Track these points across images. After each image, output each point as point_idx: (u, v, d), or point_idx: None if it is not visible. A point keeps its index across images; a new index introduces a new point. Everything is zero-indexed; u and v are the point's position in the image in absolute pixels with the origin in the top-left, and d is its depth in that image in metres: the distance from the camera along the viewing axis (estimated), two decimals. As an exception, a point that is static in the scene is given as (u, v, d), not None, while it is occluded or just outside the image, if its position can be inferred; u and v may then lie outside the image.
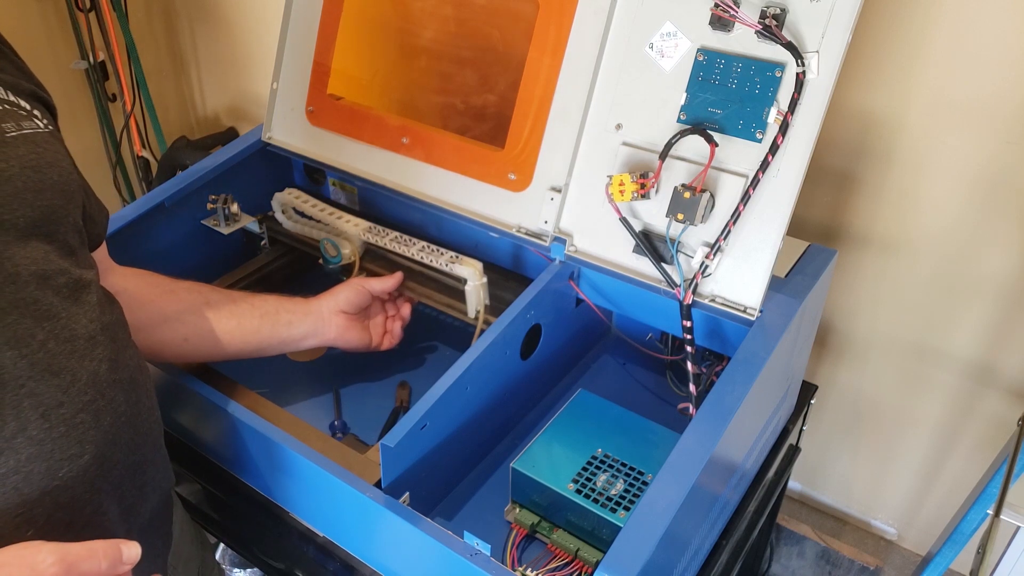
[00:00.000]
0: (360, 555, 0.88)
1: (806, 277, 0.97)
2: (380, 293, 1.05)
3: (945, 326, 1.23)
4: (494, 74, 1.11)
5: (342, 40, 1.14)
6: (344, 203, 1.23)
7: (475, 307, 1.05)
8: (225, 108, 2.04)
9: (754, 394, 0.83)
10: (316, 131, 1.17)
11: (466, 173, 1.04)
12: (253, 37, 1.82)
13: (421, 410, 0.82)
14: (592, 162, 0.96)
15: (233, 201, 1.15)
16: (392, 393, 1.07)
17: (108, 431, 0.63)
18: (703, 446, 0.76)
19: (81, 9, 1.77)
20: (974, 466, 1.31)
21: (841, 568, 1.48)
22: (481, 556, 0.73)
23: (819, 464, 1.50)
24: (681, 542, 0.79)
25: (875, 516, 1.52)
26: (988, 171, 1.09)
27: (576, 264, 0.99)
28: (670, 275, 0.92)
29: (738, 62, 0.85)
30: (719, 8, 0.85)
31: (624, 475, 0.86)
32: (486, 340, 0.89)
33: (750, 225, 0.88)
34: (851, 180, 1.19)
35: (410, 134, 1.08)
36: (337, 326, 1.00)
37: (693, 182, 0.88)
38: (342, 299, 1.00)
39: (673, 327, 0.98)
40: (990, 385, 1.24)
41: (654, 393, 1.09)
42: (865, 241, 1.23)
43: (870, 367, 1.34)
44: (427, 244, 1.08)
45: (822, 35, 0.82)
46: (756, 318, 0.89)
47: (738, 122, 0.86)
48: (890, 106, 1.12)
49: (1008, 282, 1.14)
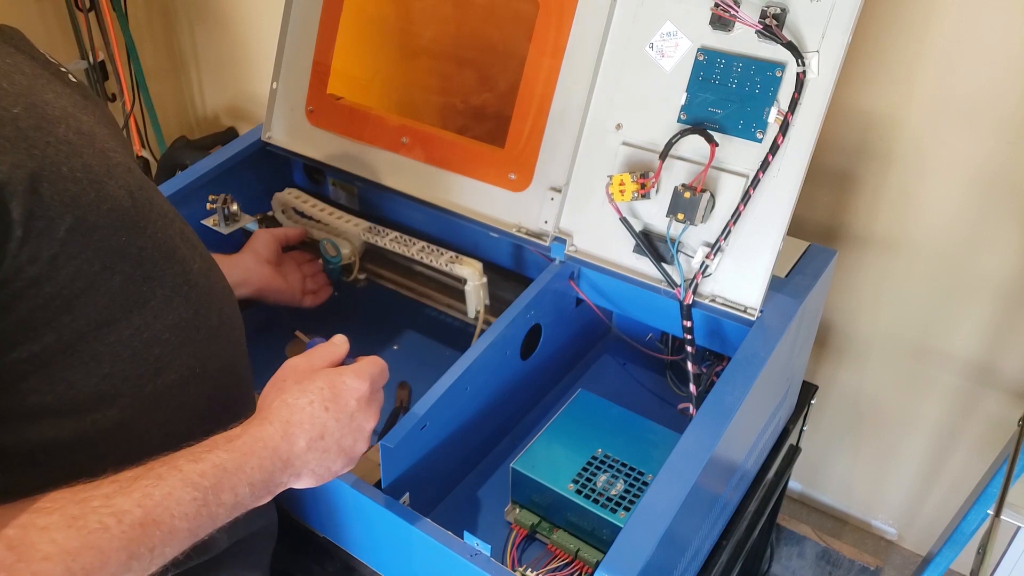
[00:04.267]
0: (360, 555, 0.88)
1: (806, 277, 0.97)
2: (282, 239, 1.12)
3: (945, 326, 1.23)
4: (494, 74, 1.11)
5: (342, 40, 1.14)
6: (344, 203, 1.23)
7: (475, 307, 1.05)
8: (225, 108, 2.04)
9: (754, 394, 0.83)
10: (316, 131, 1.17)
11: (466, 173, 1.04)
12: (253, 37, 1.82)
13: (421, 410, 0.82)
14: (592, 162, 0.96)
15: (233, 201, 1.15)
16: (392, 393, 1.07)
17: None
18: (703, 446, 0.76)
19: (81, 9, 1.76)
20: (974, 466, 1.31)
21: (841, 568, 1.48)
22: (481, 556, 0.73)
23: (819, 464, 1.50)
24: (681, 542, 0.79)
25: (875, 516, 1.51)
26: (988, 171, 1.09)
27: (576, 264, 0.99)
28: (670, 275, 0.92)
29: (738, 62, 0.85)
30: (719, 8, 0.85)
31: (624, 475, 0.86)
32: (486, 340, 0.89)
33: (750, 225, 0.88)
34: (851, 180, 1.19)
35: (410, 134, 1.08)
36: (262, 275, 1.06)
37: (693, 182, 0.88)
38: (259, 244, 1.08)
39: (673, 327, 0.98)
40: (990, 385, 1.24)
41: (654, 393, 1.09)
42: (865, 241, 1.23)
43: (870, 367, 1.34)
44: (427, 244, 1.08)
45: (822, 35, 0.81)
46: (756, 318, 0.89)
47: (738, 122, 0.86)
48: (890, 106, 1.12)
49: (1008, 282, 1.14)
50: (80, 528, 0.48)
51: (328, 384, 0.65)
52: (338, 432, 0.64)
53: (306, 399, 0.63)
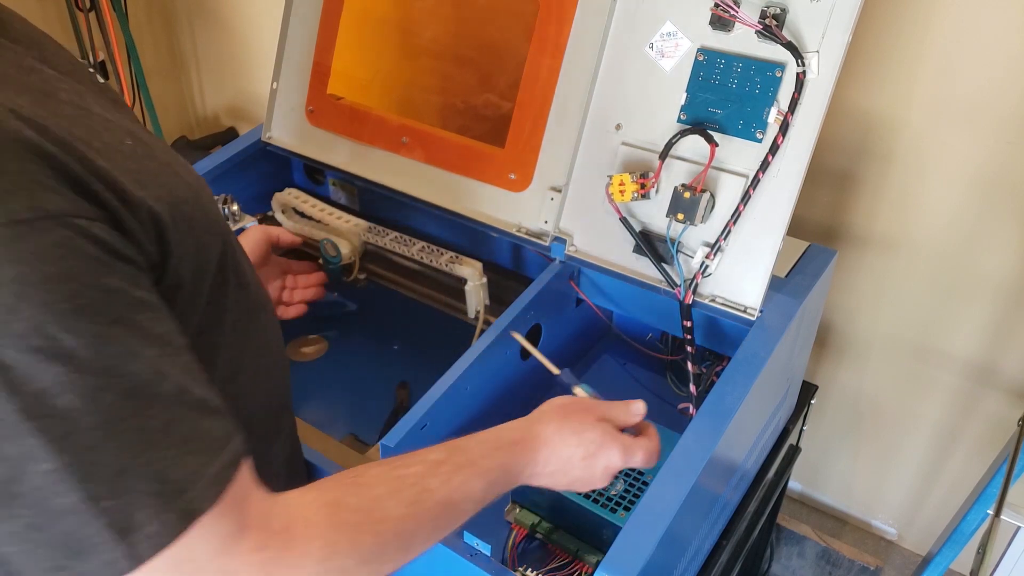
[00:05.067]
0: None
1: (806, 277, 0.97)
2: (274, 239, 1.05)
3: (945, 326, 1.23)
4: (494, 74, 1.11)
5: (342, 40, 1.14)
6: (344, 203, 1.23)
7: (475, 307, 1.05)
8: (225, 108, 2.04)
9: (754, 394, 0.83)
10: (316, 131, 1.17)
11: (466, 173, 1.04)
12: (253, 37, 1.82)
13: (421, 410, 0.82)
14: (592, 162, 0.96)
15: (233, 201, 1.15)
16: (392, 393, 1.07)
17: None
18: (703, 446, 0.76)
19: (81, 9, 1.76)
20: (974, 466, 1.31)
21: (841, 568, 1.48)
22: (481, 556, 0.73)
23: (819, 464, 1.50)
24: (681, 542, 0.79)
25: (875, 516, 1.51)
26: (989, 171, 1.09)
27: (576, 264, 0.99)
28: (670, 275, 0.92)
29: (738, 62, 0.85)
30: (719, 8, 0.85)
31: (624, 475, 0.86)
32: (486, 340, 0.89)
33: (750, 225, 0.88)
34: (851, 180, 1.19)
35: (410, 134, 1.08)
36: None
37: (693, 182, 0.88)
38: (248, 242, 1.01)
39: (673, 327, 0.98)
40: (990, 385, 1.24)
41: (654, 393, 1.09)
42: (865, 241, 1.23)
43: (870, 367, 1.34)
44: (427, 244, 1.08)
45: (822, 35, 0.81)
46: (756, 318, 0.89)
47: (738, 122, 0.86)
48: (890, 106, 1.12)
49: (1008, 282, 1.14)
50: (401, 500, 0.57)
51: (598, 441, 0.70)
52: (570, 480, 0.70)
53: (575, 441, 0.69)
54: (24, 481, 0.43)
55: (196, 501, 0.46)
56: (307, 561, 0.51)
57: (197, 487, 0.47)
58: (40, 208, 0.43)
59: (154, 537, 0.45)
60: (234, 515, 0.48)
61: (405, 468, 0.59)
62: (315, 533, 0.52)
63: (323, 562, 0.51)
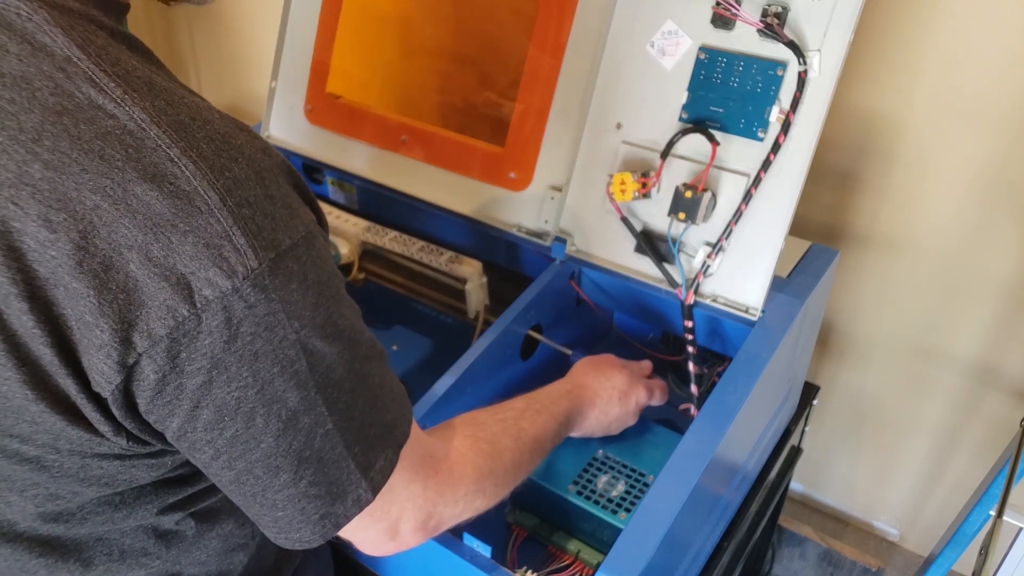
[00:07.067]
0: (359, 556, 0.87)
1: (808, 277, 0.96)
2: None
3: (948, 326, 1.23)
4: (494, 73, 1.11)
5: (341, 38, 1.13)
6: (343, 202, 1.22)
7: (475, 307, 1.05)
8: (223, 106, 2.03)
9: (756, 395, 0.82)
10: (315, 130, 1.16)
11: (466, 172, 1.04)
12: (252, 36, 1.82)
13: (421, 410, 0.81)
14: (593, 161, 0.95)
15: (232, 201, 1.15)
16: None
17: None
18: (705, 447, 0.75)
19: (80, 8, 1.76)
20: (976, 467, 1.31)
21: (843, 569, 1.48)
22: (481, 558, 0.73)
23: (821, 465, 1.50)
24: (682, 544, 0.79)
25: (877, 517, 1.51)
26: (991, 171, 1.08)
27: (576, 264, 0.98)
28: (671, 275, 0.92)
29: (740, 61, 0.85)
30: (721, 7, 0.84)
31: (625, 476, 0.85)
32: (486, 340, 0.88)
33: (752, 225, 0.87)
34: (853, 179, 1.19)
35: (409, 133, 1.08)
36: None
37: (695, 181, 0.87)
38: None
39: (674, 327, 0.98)
40: (993, 386, 1.24)
41: (655, 394, 1.08)
42: (867, 241, 1.23)
43: (872, 368, 1.34)
44: (427, 244, 1.07)
45: (824, 34, 0.81)
46: (758, 318, 0.88)
47: (740, 121, 0.86)
48: (892, 105, 1.11)
49: (1011, 282, 1.14)
50: (509, 436, 0.71)
51: (629, 381, 0.88)
52: (610, 419, 0.86)
53: (609, 384, 0.86)
54: (312, 444, 0.52)
55: (402, 436, 0.58)
56: (465, 481, 0.64)
57: (401, 425, 0.59)
58: (310, 221, 0.52)
59: (382, 470, 0.57)
60: (418, 446, 0.61)
61: (503, 413, 0.73)
62: (468, 459, 0.65)
63: (475, 482, 0.65)
